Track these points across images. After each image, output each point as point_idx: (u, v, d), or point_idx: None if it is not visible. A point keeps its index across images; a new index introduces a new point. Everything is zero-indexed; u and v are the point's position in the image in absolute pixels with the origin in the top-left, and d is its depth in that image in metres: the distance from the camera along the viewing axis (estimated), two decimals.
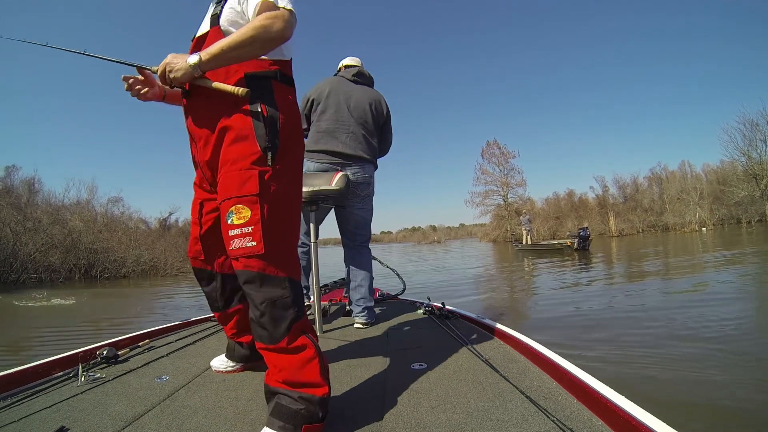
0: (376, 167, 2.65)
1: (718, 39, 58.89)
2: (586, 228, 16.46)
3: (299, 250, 2.47)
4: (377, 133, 2.61)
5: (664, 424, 0.94)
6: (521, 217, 24.30)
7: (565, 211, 37.39)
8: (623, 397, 1.09)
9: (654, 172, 36.55)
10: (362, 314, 2.39)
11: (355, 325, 2.39)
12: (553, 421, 1.09)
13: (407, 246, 52.97)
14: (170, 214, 37.36)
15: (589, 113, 72.59)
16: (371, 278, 2.53)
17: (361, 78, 2.59)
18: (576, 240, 15.85)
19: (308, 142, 2.45)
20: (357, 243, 2.58)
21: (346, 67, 2.65)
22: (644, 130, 64.65)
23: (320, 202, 2.29)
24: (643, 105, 66.00)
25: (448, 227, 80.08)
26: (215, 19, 1.28)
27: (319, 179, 2.27)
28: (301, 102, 2.48)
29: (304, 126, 2.50)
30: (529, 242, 21.18)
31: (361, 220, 2.57)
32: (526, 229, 22.24)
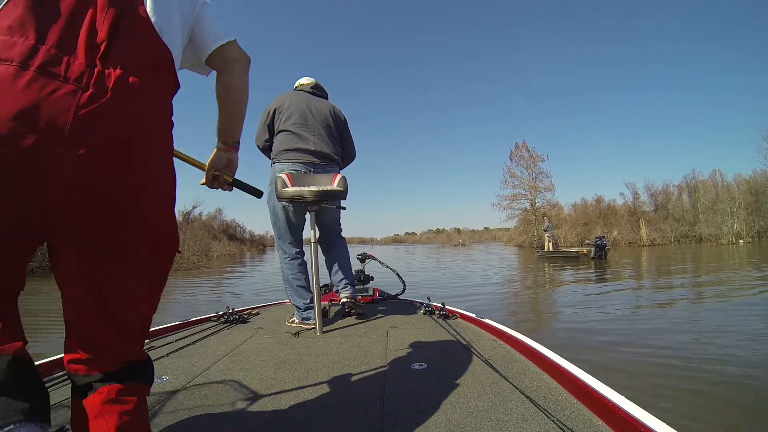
0: (341, 168, 2.81)
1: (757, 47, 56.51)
2: (603, 237, 16.53)
3: (295, 262, 2.56)
4: (338, 138, 2.77)
5: (664, 424, 0.93)
6: (544, 224, 24.04)
7: (593, 218, 36.52)
8: (623, 397, 1.08)
9: (687, 180, 35.37)
10: (346, 289, 2.61)
11: (342, 300, 2.60)
12: (553, 421, 1.08)
13: (431, 248, 52.79)
14: (194, 207, 38.33)
15: (619, 117, 70.98)
16: (349, 263, 2.76)
17: (319, 90, 2.79)
18: (593, 249, 15.93)
19: (277, 146, 2.58)
20: (333, 238, 2.75)
21: (301, 85, 2.83)
22: (678, 136, 62.78)
23: (323, 202, 2.35)
24: (678, 110, 64.11)
25: (473, 230, 79.52)
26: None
27: (321, 180, 2.36)
28: (262, 115, 2.68)
29: (266, 137, 2.67)
30: (550, 249, 21.00)
31: (335, 218, 2.74)
32: (547, 236, 22.01)
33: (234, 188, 1.24)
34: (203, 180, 1.18)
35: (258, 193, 1.36)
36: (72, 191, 0.69)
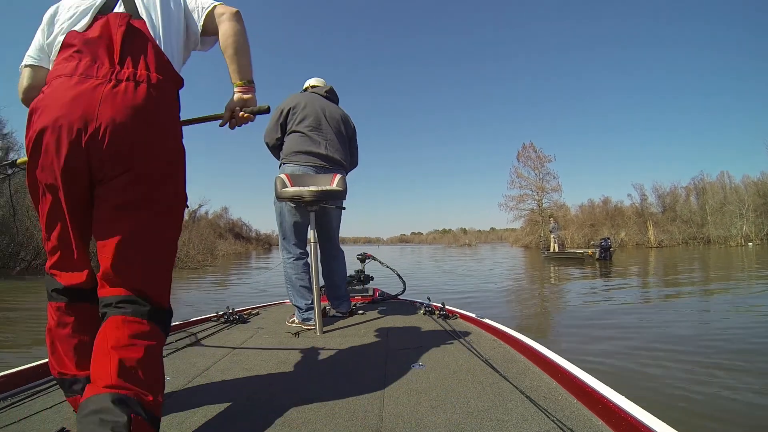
0: (346, 173, 2.82)
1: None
2: (608, 239, 16.62)
3: (299, 262, 2.57)
4: (348, 144, 2.81)
5: (664, 424, 0.93)
6: (550, 225, 23.97)
7: (599, 219, 36.24)
8: (623, 397, 1.08)
9: (696, 181, 35.04)
10: (343, 305, 2.70)
11: (335, 314, 2.66)
12: (553, 421, 1.08)
13: (438, 248, 52.60)
14: (200, 206, 38.51)
15: (625, 119, 70.52)
16: (345, 278, 2.83)
17: (332, 95, 2.81)
18: (597, 250, 16.02)
19: (289, 146, 2.59)
20: (333, 244, 2.74)
21: (313, 86, 2.84)
22: (685, 139, 62.23)
23: (322, 202, 2.35)
24: (684, 113, 63.55)
25: (479, 230, 79.15)
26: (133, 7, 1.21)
27: (321, 180, 2.35)
28: (274, 112, 2.63)
29: (278, 135, 2.66)
30: (556, 250, 21.02)
31: (338, 223, 2.75)
32: (553, 237, 22.00)
33: (254, 115, 1.35)
34: (221, 121, 1.36)
35: (266, 109, 1.39)
36: (103, 147, 1.03)
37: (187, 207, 1.25)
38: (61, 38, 1.14)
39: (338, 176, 2.39)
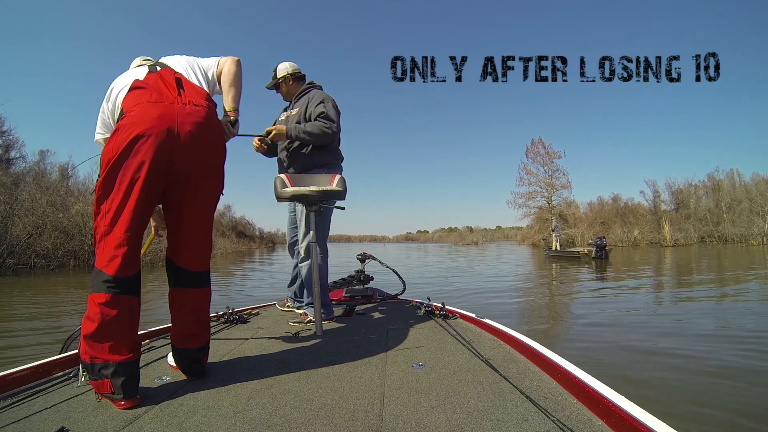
0: None
1: None
2: (603, 238, 16.85)
3: (326, 260, 2.58)
4: None
5: (664, 425, 0.92)
6: (552, 223, 24.05)
7: (610, 216, 35.55)
8: (623, 397, 1.07)
9: (712, 176, 34.24)
10: (327, 311, 2.56)
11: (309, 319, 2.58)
12: (553, 421, 1.07)
13: (444, 246, 52.34)
14: None
15: (636, 115, 69.79)
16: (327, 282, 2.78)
17: None
18: (593, 249, 16.19)
19: (338, 151, 2.71)
20: (322, 245, 2.57)
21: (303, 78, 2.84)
22: (694, 137, 61.35)
23: (323, 202, 2.32)
24: (698, 110, 62.61)
25: (485, 229, 78.60)
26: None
27: (321, 180, 2.28)
28: (335, 109, 2.61)
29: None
30: (558, 248, 21.24)
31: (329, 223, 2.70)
32: (555, 236, 22.22)
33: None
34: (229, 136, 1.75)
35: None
36: (184, 146, 1.42)
37: (222, 194, 1.64)
38: (123, 94, 1.50)
39: (338, 177, 2.33)
